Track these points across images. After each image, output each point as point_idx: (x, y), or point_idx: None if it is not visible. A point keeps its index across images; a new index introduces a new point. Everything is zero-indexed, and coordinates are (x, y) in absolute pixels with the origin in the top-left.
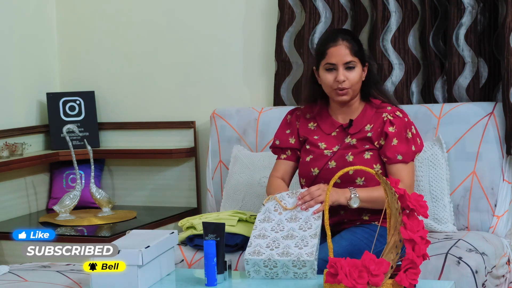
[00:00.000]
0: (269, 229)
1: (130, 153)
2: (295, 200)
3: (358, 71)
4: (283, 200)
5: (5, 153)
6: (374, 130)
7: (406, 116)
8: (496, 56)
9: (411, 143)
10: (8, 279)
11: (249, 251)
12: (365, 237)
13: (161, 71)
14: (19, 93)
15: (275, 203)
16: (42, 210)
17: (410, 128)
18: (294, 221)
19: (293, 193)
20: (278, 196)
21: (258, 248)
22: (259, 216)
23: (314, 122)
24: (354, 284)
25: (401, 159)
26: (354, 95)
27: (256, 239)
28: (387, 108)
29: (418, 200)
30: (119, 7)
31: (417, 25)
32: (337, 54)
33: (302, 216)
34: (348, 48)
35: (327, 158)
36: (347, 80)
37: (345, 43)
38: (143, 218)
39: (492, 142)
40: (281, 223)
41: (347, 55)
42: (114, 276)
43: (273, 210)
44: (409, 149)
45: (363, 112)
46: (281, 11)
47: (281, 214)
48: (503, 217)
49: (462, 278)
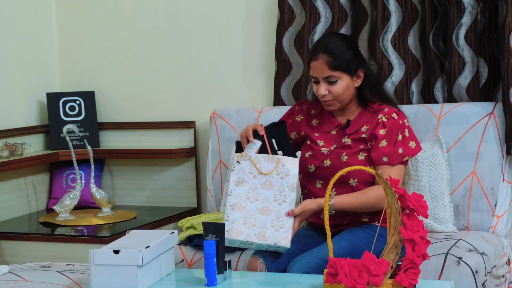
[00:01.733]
0: (244, 196)
1: (130, 153)
2: (271, 165)
3: (342, 84)
4: (259, 163)
5: (5, 153)
6: (368, 131)
7: (403, 118)
8: (496, 56)
9: (399, 146)
10: (8, 279)
11: (228, 228)
12: (365, 237)
13: (161, 71)
14: (19, 93)
15: (250, 165)
16: (42, 210)
17: (403, 131)
18: (269, 188)
19: (269, 157)
20: (253, 157)
21: (236, 226)
22: (233, 176)
23: (317, 119)
24: (354, 284)
25: (386, 161)
26: (344, 104)
27: (233, 211)
28: (384, 110)
29: (418, 200)
30: (119, 7)
31: (417, 25)
32: (316, 69)
33: (276, 184)
34: (327, 63)
35: (324, 156)
36: (329, 93)
37: (324, 57)
38: (143, 218)
39: (492, 142)
40: (256, 188)
41: (325, 70)
42: (114, 276)
43: (248, 172)
44: (395, 151)
45: (360, 114)
46: (281, 11)
47: (255, 178)
48: (503, 217)
49: (462, 278)
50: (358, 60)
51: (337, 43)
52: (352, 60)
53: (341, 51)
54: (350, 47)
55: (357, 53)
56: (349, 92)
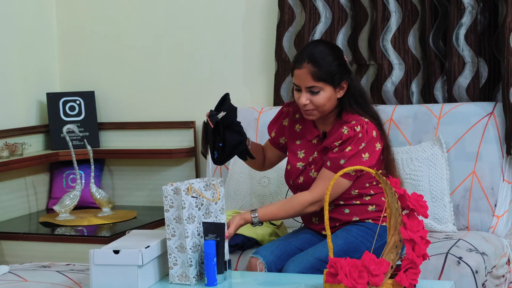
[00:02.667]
0: (190, 233)
1: (130, 153)
2: (211, 193)
3: (324, 95)
4: (202, 193)
5: (5, 153)
6: (330, 142)
7: (365, 131)
8: (496, 56)
9: (344, 157)
10: (8, 279)
11: (178, 273)
12: (360, 234)
13: (161, 71)
14: (19, 93)
15: (196, 196)
16: (42, 210)
17: (356, 144)
18: (208, 216)
19: (207, 185)
20: (197, 187)
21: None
22: (185, 213)
23: (300, 124)
24: (354, 284)
25: (328, 165)
26: (324, 114)
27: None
28: (351, 122)
29: (418, 200)
30: (119, 8)
31: (417, 25)
32: (300, 78)
33: (213, 210)
34: (311, 73)
35: (298, 171)
36: (310, 103)
37: (309, 66)
38: (143, 218)
39: (492, 142)
40: (199, 222)
41: (309, 80)
42: (114, 276)
43: (194, 206)
44: (336, 159)
45: (334, 126)
46: (281, 11)
47: (200, 210)
48: (503, 217)
49: (462, 278)
50: (343, 71)
51: (323, 53)
52: (337, 72)
53: (326, 62)
54: (336, 58)
55: (343, 64)
56: (330, 103)
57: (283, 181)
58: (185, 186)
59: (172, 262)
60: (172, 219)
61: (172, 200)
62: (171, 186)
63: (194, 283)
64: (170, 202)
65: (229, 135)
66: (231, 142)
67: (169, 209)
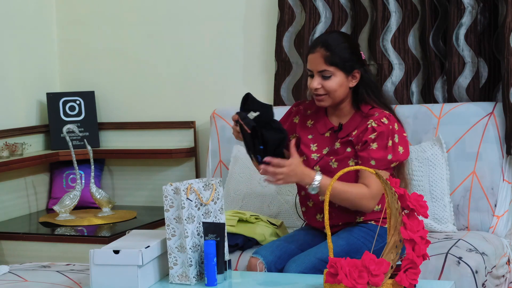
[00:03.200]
0: (189, 233)
1: (130, 153)
2: (210, 193)
3: (336, 80)
4: (201, 193)
5: (5, 153)
6: (356, 136)
7: (393, 123)
8: (496, 56)
9: (389, 152)
10: (8, 279)
11: (178, 273)
12: (362, 236)
13: (161, 71)
14: (19, 93)
15: (195, 196)
16: (42, 210)
17: (393, 137)
18: (208, 216)
19: (207, 185)
20: (196, 187)
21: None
22: (185, 213)
23: (312, 119)
24: (354, 284)
25: (373, 164)
26: (335, 101)
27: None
28: (375, 115)
29: (418, 200)
30: (119, 8)
31: (417, 25)
32: (312, 62)
33: (212, 210)
34: (323, 57)
35: (314, 162)
36: (321, 87)
37: (321, 51)
38: (143, 218)
39: (492, 142)
40: (199, 222)
41: (321, 63)
42: (114, 276)
43: (194, 206)
44: (384, 157)
45: (352, 117)
46: (281, 11)
47: (199, 210)
48: (503, 217)
49: (462, 278)
50: (355, 60)
51: (337, 39)
52: (349, 59)
53: (339, 48)
54: (349, 46)
55: (356, 54)
56: (342, 90)
57: None
58: (185, 186)
59: (172, 262)
60: (172, 219)
61: (172, 200)
62: (171, 186)
63: (194, 283)
64: (170, 202)
65: (269, 135)
66: (272, 142)
67: (169, 209)
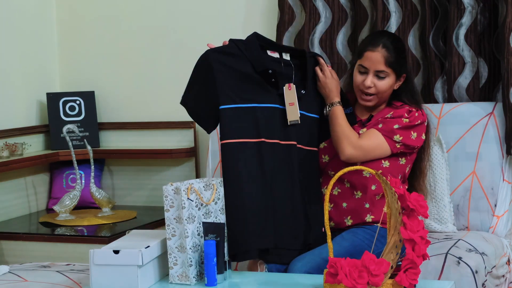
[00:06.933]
0: (190, 233)
1: (130, 153)
2: (211, 193)
3: (388, 81)
4: (201, 193)
5: (5, 153)
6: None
7: (421, 117)
8: (496, 56)
9: (400, 124)
10: (8, 279)
11: (178, 273)
12: (366, 238)
13: (161, 71)
14: (19, 93)
15: (196, 196)
16: (42, 210)
17: (414, 119)
18: (208, 217)
19: (207, 185)
20: (197, 187)
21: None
22: (185, 213)
23: None
24: (354, 284)
25: (380, 127)
26: (380, 102)
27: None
28: (405, 107)
29: (418, 200)
30: (119, 7)
31: (417, 25)
32: (371, 60)
33: (212, 210)
34: (384, 57)
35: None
36: (374, 87)
37: (383, 51)
38: (143, 218)
39: (492, 142)
40: (199, 222)
41: (380, 63)
42: (114, 276)
43: (194, 206)
44: (391, 125)
45: (382, 111)
46: (281, 11)
47: (200, 210)
48: (503, 217)
49: (462, 278)
50: (405, 64)
51: (397, 43)
52: (403, 63)
53: (399, 51)
54: (404, 50)
55: (406, 58)
56: (389, 92)
57: None
58: (185, 186)
59: (172, 262)
60: (172, 219)
61: (172, 200)
62: (171, 186)
63: (194, 283)
64: (170, 202)
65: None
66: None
67: (169, 209)
